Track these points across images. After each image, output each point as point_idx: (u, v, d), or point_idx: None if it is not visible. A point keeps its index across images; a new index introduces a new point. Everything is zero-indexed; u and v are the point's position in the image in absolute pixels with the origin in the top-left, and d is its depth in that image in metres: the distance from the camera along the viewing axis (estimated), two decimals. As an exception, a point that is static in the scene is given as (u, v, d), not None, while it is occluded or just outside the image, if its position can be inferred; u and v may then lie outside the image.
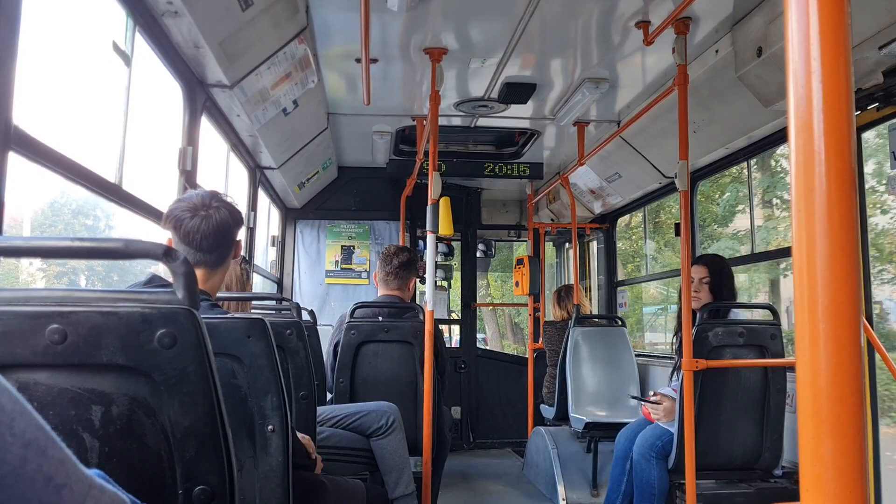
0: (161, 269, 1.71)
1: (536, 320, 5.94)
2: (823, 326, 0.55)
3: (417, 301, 6.12)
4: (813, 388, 0.55)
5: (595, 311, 6.31)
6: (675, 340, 3.69)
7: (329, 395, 3.59)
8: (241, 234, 1.97)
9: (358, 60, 3.60)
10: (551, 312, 5.61)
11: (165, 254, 1.11)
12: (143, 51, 2.49)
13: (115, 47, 2.29)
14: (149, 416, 1.11)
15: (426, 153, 3.72)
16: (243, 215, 1.95)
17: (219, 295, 2.20)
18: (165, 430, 1.12)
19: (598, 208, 5.99)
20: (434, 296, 3.41)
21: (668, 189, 4.95)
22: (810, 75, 0.59)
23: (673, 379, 3.54)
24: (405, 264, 3.75)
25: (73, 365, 1.08)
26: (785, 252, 4.09)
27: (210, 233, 1.80)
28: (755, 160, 4.27)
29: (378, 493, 2.84)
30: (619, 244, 6.94)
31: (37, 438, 0.55)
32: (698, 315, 3.16)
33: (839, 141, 0.58)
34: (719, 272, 3.41)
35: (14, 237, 1.13)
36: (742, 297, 9.03)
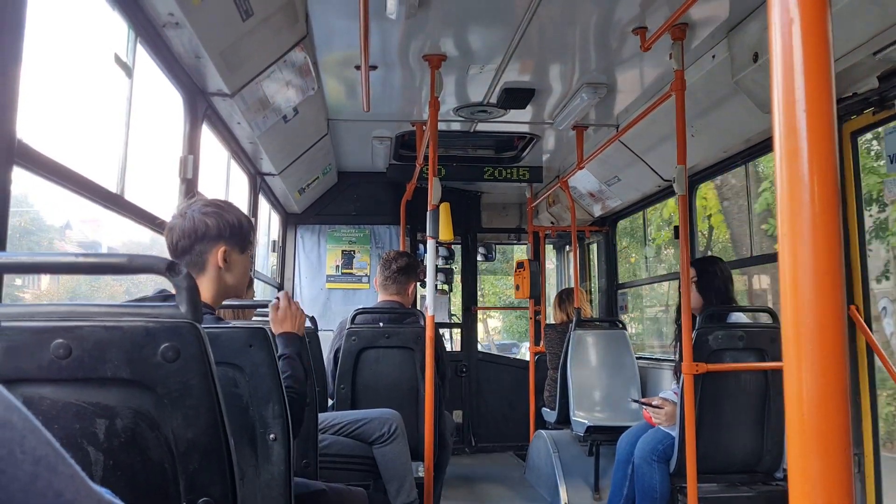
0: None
1: (537, 323, 5.95)
2: (809, 346, 0.56)
3: (418, 305, 6.15)
4: (799, 407, 0.56)
5: (596, 314, 6.31)
6: (675, 344, 3.69)
7: (330, 402, 3.60)
8: (234, 243, 1.94)
9: (357, 67, 3.62)
10: (553, 315, 5.62)
11: (168, 268, 1.13)
12: (145, 61, 2.51)
13: (117, 59, 2.30)
14: (152, 429, 1.13)
15: (426, 158, 3.73)
16: (231, 224, 1.91)
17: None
18: (169, 443, 1.13)
19: (597, 211, 6.00)
20: (435, 300, 3.42)
21: (667, 192, 4.96)
22: (794, 82, 0.61)
23: (674, 382, 3.55)
24: (404, 269, 3.76)
25: (78, 379, 1.10)
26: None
27: (181, 237, 1.84)
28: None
29: (380, 500, 2.85)
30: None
31: (47, 455, 0.57)
32: (698, 319, 3.17)
33: (823, 148, 0.60)
34: (704, 272, 3.41)
35: (18, 253, 1.15)
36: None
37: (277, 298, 2.17)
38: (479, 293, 6.98)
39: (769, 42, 0.63)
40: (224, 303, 2.32)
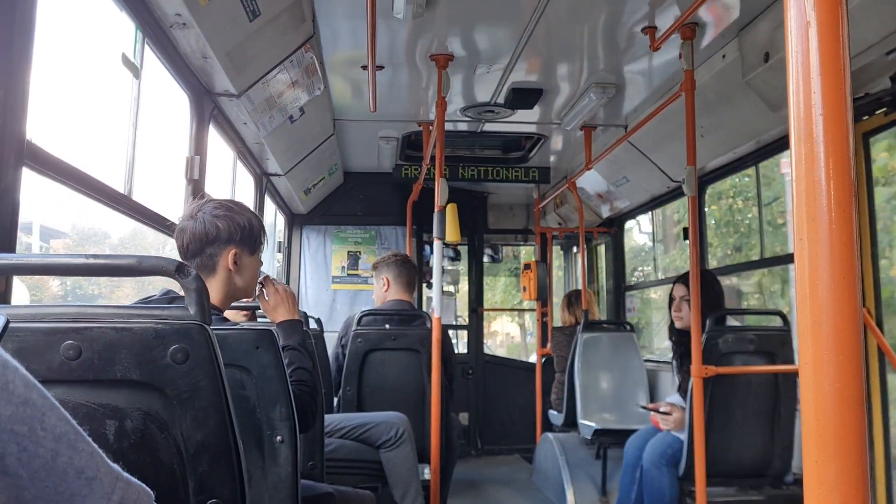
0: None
1: (544, 325, 5.93)
2: (826, 348, 0.55)
3: (424, 306, 6.14)
4: (815, 410, 0.55)
5: (603, 316, 6.29)
6: (673, 362, 3.64)
7: (334, 402, 3.59)
8: (244, 246, 1.94)
9: (364, 67, 3.62)
10: (560, 317, 5.60)
11: (177, 270, 1.13)
12: (152, 62, 2.52)
13: (125, 59, 2.31)
14: (162, 430, 1.13)
15: (432, 158, 3.72)
16: (242, 227, 1.91)
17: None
18: (178, 445, 1.13)
19: (605, 212, 5.98)
20: (441, 302, 3.40)
21: (676, 193, 4.94)
22: (810, 83, 0.60)
23: (678, 390, 3.52)
24: (413, 269, 3.76)
25: (88, 380, 1.10)
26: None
27: (191, 240, 1.84)
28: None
29: None
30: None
31: (66, 433, 0.57)
32: (707, 322, 3.14)
33: (839, 150, 0.59)
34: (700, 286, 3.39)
35: (29, 255, 1.15)
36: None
37: (261, 285, 2.08)
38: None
39: (785, 46, 0.62)
40: (237, 304, 2.32)
